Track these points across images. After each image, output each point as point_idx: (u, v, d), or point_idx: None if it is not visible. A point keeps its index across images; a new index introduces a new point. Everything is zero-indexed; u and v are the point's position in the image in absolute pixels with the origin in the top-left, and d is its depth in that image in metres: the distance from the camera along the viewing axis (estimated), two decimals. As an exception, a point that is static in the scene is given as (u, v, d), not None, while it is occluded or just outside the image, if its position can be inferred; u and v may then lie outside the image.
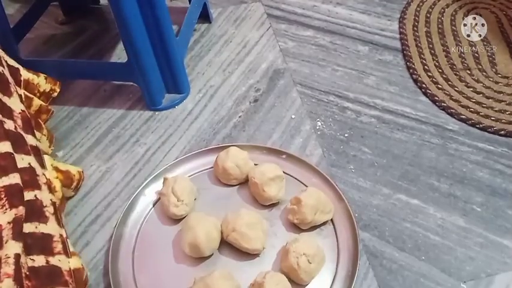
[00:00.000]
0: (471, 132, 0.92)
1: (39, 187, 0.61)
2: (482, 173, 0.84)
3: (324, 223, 0.74)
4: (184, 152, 0.90)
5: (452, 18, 1.19)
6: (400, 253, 0.73)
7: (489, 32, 1.14)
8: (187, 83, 1.03)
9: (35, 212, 0.58)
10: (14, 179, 0.53)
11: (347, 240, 0.72)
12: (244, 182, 0.80)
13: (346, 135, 0.92)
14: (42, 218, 0.58)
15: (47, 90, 0.80)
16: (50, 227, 0.59)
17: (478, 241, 0.75)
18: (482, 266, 0.72)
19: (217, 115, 0.98)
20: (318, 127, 0.93)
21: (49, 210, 0.60)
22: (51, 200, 0.62)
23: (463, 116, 0.94)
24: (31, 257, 0.54)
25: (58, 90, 0.82)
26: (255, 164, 0.81)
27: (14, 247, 0.49)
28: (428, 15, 1.21)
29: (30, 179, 0.60)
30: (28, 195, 0.57)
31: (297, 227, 0.74)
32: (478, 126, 0.93)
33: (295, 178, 0.81)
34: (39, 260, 0.55)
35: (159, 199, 0.79)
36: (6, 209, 0.50)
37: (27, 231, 0.55)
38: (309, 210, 0.71)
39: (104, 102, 1.02)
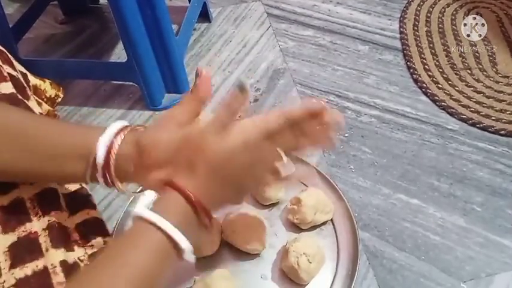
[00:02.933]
0: (471, 132, 0.92)
1: None
2: (482, 172, 0.84)
3: (324, 223, 0.74)
4: (184, 151, 0.90)
5: (453, 17, 1.19)
6: (400, 253, 0.73)
7: (490, 31, 1.14)
8: (187, 83, 1.03)
9: (82, 200, 0.58)
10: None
11: (347, 240, 0.72)
12: (244, 182, 0.80)
13: (346, 135, 0.92)
14: (90, 205, 0.59)
15: (52, 95, 0.81)
16: (99, 214, 0.60)
17: (478, 241, 0.75)
18: (482, 265, 0.72)
19: (217, 115, 0.97)
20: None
21: (93, 199, 0.61)
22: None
23: (464, 116, 0.94)
24: (89, 243, 0.53)
25: (62, 95, 0.83)
26: (255, 164, 0.80)
27: (56, 255, 0.48)
28: (429, 14, 1.21)
29: None
30: (73, 186, 0.58)
31: (297, 227, 0.74)
32: (478, 125, 0.92)
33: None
34: (97, 244, 0.54)
35: (159, 199, 0.78)
36: (39, 216, 0.49)
37: (79, 221, 0.54)
38: (309, 210, 0.70)
39: (104, 102, 1.02)
